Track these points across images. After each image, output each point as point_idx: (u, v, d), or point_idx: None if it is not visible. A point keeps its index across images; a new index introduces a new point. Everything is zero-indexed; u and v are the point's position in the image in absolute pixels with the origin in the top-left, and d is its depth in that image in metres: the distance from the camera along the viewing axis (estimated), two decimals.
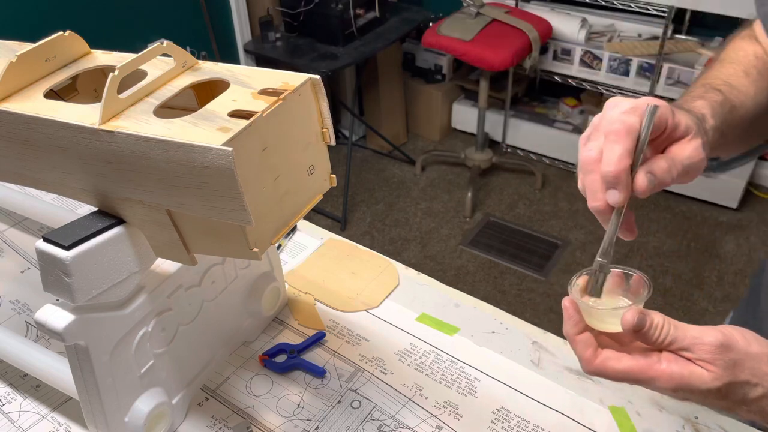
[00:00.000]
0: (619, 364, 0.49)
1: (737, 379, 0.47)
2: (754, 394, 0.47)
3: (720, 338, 0.47)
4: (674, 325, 0.49)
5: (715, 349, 0.47)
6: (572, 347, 0.52)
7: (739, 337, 0.48)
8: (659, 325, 0.48)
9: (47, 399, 0.72)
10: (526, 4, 2.70)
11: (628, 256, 2.33)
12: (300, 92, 0.53)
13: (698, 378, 0.47)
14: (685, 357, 0.48)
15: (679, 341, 0.48)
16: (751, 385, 0.47)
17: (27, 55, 0.58)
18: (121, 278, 0.57)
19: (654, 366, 0.48)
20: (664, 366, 0.48)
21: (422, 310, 0.83)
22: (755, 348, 0.48)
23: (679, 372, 0.47)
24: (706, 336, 0.47)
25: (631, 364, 0.48)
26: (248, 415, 0.70)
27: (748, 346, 0.48)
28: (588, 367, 0.50)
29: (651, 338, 0.48)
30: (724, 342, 0.47)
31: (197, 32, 2.60)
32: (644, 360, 0.48)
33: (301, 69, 0.55)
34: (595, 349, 0.50)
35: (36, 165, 0.59)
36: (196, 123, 0.50)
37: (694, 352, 0.47)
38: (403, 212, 2.59)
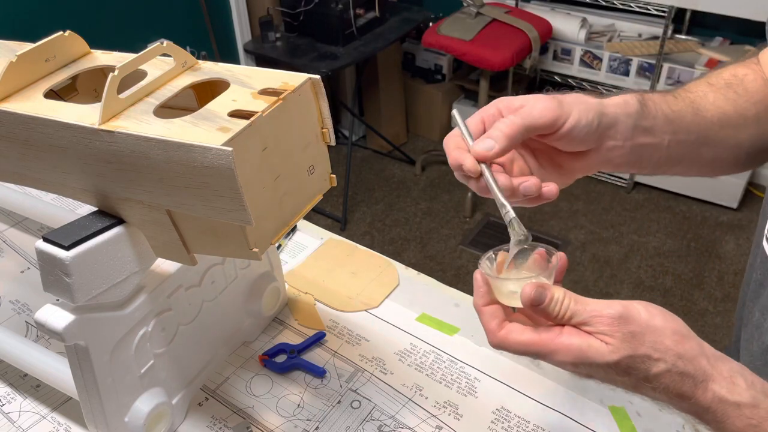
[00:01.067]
0: (521, 336, 0.48)
1: (637, 353, 0.45)
2: (656, 369, 0.45)
3: (619, 310, 0.46)
4: (575, 299, 0.47)
5: (613, 321, 0.45)
6: (480, 319, 0.51)
7: (641, 310, 0.46)
8: (559, 299, 0.47)
9: (47, 399, 0.72)
10: (526, 4, 2.70)
11: (628, 256, 2.33)
12: (300, 92, 0.53)
13: (596, 351, 0.46)
14: (586, 331, 0.46)
15: (579, 315, 0.47)
16: (652, 359, 0.45)
17: (27, 55, 0.58)
18: (121, 278, 0.57)
19: (554, 339, 0.47)
20: (564, 339, 0.46)
21: (422, 310, 0.83)
22: (658, 321, 0.46)
23: (578, 344, 0.46)
24: (606, 309, 0.46)
25: (533, 336, 0.47)
26: (248, 415, 0.70)
27: (651, 319, 0.46)
28: (492, 339, 0.49)
29: (552, 313, 0.47)
30: (623, 314, 0.46)
31: (197, 32, 2.60)
32: (546, 333, 0.47)
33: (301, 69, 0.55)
34: (501, 322, 0.49)
35: (36, 165, 0.59)
36: (196, 123, 0.50)
37: (593, 325, 0.46)
38: (403, 212, 2.59)
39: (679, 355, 0.45)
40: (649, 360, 0.45)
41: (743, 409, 0.46)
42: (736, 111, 0.64)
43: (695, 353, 0.46)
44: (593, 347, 0.46)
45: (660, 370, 0.45)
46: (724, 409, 0.46)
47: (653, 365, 0.45)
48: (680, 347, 0.46)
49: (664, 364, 0.45)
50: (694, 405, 0.46)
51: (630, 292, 2.19)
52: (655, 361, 0.45)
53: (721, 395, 0.46)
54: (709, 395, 0.46)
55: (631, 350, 0.45)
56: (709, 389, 0.46)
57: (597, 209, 2.56)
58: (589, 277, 2.24)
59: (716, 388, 0.46)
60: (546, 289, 0.48)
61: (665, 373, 0.45)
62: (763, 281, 0.61)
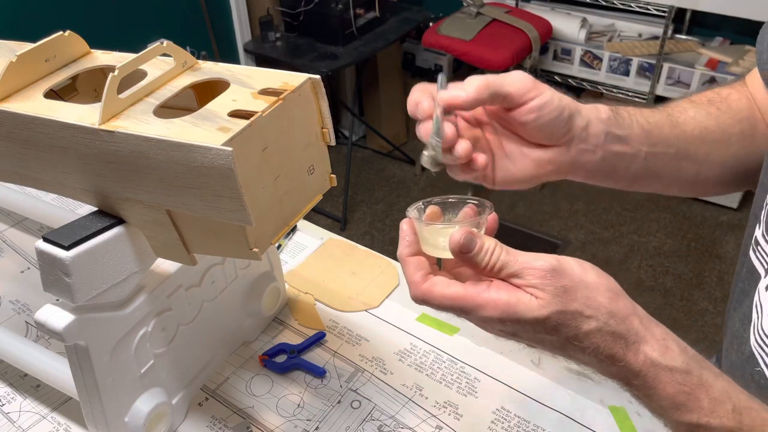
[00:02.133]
0: (446, 289, 0.45)
1: (568, 308, 0.43)
2: (587, 327, 0.43)
3: (552, 263, 0.43)
4: (506, 250, 0.45)
5: (545, 273, 0.43)
6: (403, 270, 0.48)
7: (574, 264, 0.44)
8: (489, 249, 0.45)
9: (47, 399, 0.72)
10: (526, 4, 2.70)
11: (628, 256, 2.33)
12: (300, 92, 0.53)
13: (525, 305, 0.43)
14: (515, 284, 0.44)
15: (509, 266, 0.44)
16: (583, 316, 0.43)
17: (27, 55, 0.58)
18: (121, 278, 0.57)
19: (481, 293, 0.44)
20: (492, 293, 0.44)
21: (422, 310, 0.83)
22: (592, 277, 0.44)
23: (506, 299, 0.43)
24: (537, 261, 0.44)
25: (458, 290, 0.45)
26: (248, 415, 0.70)
27: (584, 274, 0.44)
28: (415, 291, 0.47)
29: (481, 263, 0.45)
30: (556, 267, 0.43)
31: (197, 32, 2.60)
32: (472, 287, 0.44)
33: (301, 69, 0.55)
34: (426, 274, 0.47)
35: (36, 165, 0.59)
36: (196, 123, 0.50)
37: (524, 277, 0.43)
38: (403, 212, 2.58)
39: (611, 313, 0.43)
40: (580, 317, 0.43)
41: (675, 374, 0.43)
42: (719, 127, 0.62)
43: (628, 312, 0.44)
44: (522, 301, 0.43)
45: (591, 328, 0.43)
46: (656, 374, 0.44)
47: (584, 322, 0.43)
48: (613, 305, 0.44)
49: (596, 322, 0.43)
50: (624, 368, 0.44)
51: (630, 292, 2.18)
52: (587, 319, 0.43)
53: (654, 358, 0.44)
54: (640, 358, 0.44)
55: (562, 305, 0.43)
56: (641, 351, 0.44)
57: (597, 209, 2.56)
58: None
59: (648, 350, 0.44)
60: (476, 236, 0.45)
61: (596, 331, 0.43)
62: (747, 291, 0.60)
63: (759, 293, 0.58)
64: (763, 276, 0.58)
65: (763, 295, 0.57)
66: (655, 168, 0.61)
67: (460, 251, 0.45)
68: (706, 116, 0.63)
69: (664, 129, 0.60)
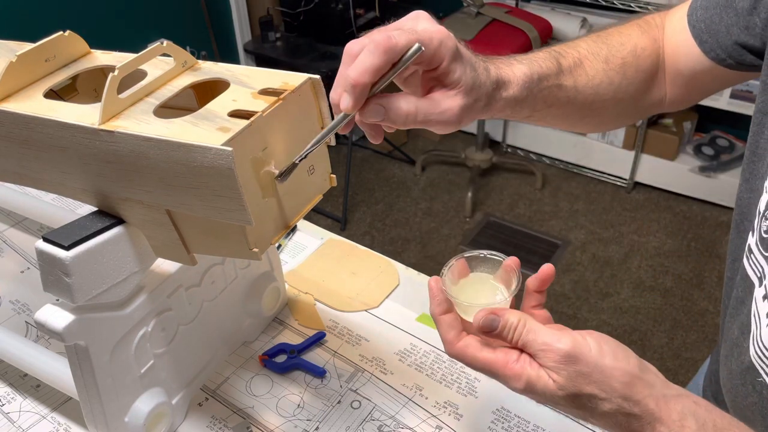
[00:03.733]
0: (478, 353, 0.48)
1: (582, 392, 0.45)
2: (604, 408, 0.46)
3: (569, 347, 0.45)
4: (528, 328, 0.47)
5: (561, 358, 0.45)
6: (437, 328, 0.51)
7: (592, 347, 0.46)
8: (513, 326, 0.47)
9: (47, 399, 0.72)
10: (526, 4, 2.70)
11: (628, 256, 2.33)
12: (300, 92, 0.53)
13: (544, 384, 0.46)
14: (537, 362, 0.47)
15: (530, 346, 0.47)
16: (598, 399, 0.45)
17: (27, 55, 0.58)
18: (121, 278, 0.57)
19: (509, 364, 0.47)
20: (518, 366, 0.47)
21: (422, 310, 0.83)
22: (608, 362, 0.46)
23: (528, 374, 0.46)
24: (556, 343, 0.46)
25: (489, 356, 0.48)
26: (248, 415, 0.70)
27: (601, 358, 0.46)
28: (450, 349, 0.50)
29: (506, 338, 0.48)
30: (570, 352, 0.45)
31: (197, 32, 2.61)
32: (503, 355, 0.47)
33: (301, 69, 0.55)
34: (459, 333, 0.49)
35: (36, 165, 0.59)
36: (196, 123, 0.50)
37: (542, 359, 0.46)
38: (403, 212, 2.59)
39: (625, 397, 0.45)
40: (595, 399, 0.46)
41: None
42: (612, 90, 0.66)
43: (642, 396, 0.46)
44: (542, 379, 0.46)
45: (608, 409, 0.46)
46: None
47: (600, 404, 0.46)
48: (627, 390, 0.46)
49: (610, 404, 0.45)
50: None
51: (630, 292, 2.19)
52: (601, 401, 0.45)
53: None
54: None
55: (577, 390, 0.45)
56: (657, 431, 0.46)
57: (597, 209, 2.56)
58: (589, 277, 2.24)
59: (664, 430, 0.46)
60: (499, 315, 0.48)
61: (612, 412, 0.46)
62: (744, 298, 0.60)
63: (756, 302, 0.58)
64: (757, 285, 0.58)
65: (761, 305, 0.57)
66: (531, 119, 0.63)
67: (482, 331, 0.48)
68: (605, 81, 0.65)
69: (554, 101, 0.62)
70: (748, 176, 0.62)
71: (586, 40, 0.67)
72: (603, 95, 0.65)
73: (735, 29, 0.62)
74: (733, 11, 0.62)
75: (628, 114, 0.72)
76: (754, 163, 0.61)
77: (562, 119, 0.67)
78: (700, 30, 0.65)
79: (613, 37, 0.68)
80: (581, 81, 0.64)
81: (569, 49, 0.64)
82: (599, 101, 0.66)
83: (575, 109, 0.65)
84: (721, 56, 0.64)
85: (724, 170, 2.51)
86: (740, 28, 0.61)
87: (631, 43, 0.67)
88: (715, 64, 0.65)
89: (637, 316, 2.12)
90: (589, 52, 0.65)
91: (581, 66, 0.64)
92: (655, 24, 0.71)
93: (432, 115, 0.51)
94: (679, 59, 0.68)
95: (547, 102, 0.62)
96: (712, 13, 0.64)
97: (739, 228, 0.64)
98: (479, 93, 0.53)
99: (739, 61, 0.64)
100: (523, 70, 0.58)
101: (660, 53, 0.69)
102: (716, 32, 0.64)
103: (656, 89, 0.70)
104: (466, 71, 0.52)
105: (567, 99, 0.63)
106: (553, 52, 0.63)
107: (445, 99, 0.51)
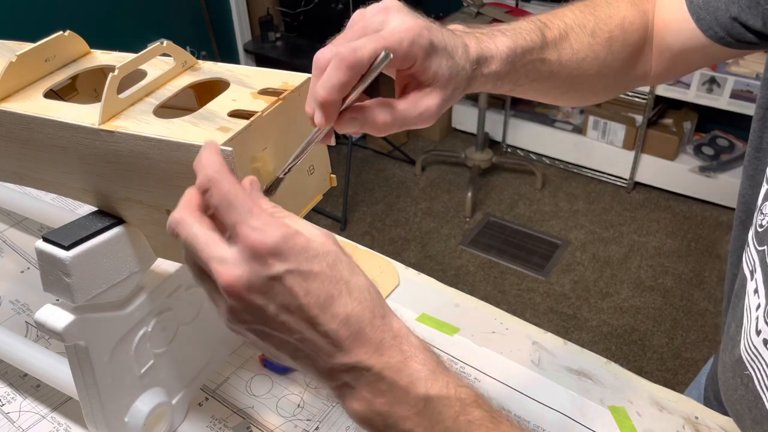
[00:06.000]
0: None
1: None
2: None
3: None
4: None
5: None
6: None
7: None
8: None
9: (47, 399, 0.72)
10: (526, 4, 2.70)
11: (628, 256, 2.33)
12: (300, 92, 0.53)
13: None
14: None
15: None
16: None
17: (27, 55, 0.58)
18: (121, 278, 0.57)
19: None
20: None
21: (422, 310, 0.83)
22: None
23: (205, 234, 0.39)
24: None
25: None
26: (248, 415, 0.70)
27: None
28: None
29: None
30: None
31: (197, 32, 2.61)
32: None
33: (301, 69, 0.55)
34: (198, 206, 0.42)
35: (36, 165, 0.59)
36: (196, 123, 0.50)
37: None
38: (403, 212, 2.59)
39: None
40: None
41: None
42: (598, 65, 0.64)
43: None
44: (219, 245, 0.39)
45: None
46: None
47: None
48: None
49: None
50: None
51: (630, 292, 2.19)
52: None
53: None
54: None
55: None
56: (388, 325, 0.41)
57: (597, 209, 2.56)
58: (589, 277, 2.24)
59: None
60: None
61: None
62: (740, 293, 0.60)
63: (748, 296, 0.58)
64: (749, 279, 0.58)
65: (752, 299, 0.57)
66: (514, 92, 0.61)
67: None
68: (590, 56, 0.62)
69: (537, 75, 0.59)
70: (752, 173, 0.62)
71: (573, 9, 0.64)
72: (587, 70, 0.63)
73: (735, 6, 0.60)
74: None
75: (611, 88, 0.69)
76: (759, 159, 0.60)
77: (544, 93, 0.64)
78: (698, 6, 0.63)
79: (601, 8, 0.64)
80: (566, 55, 0.61)
81: (555, 20, 0.61)
82: (583, 76, 0.63)
83: (558, 83, 0.62)
84: (719, 34, 0.62)
85: (725, 170, 2.51)
86: (741, 6, 0.59)
87: (619, 16, 0.64)
88: (711, 42, 0.63)
89: (637, 316, 2.12)
90: (575, 23, 0.62)
91: (566, 39, 0.61)
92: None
93: (410, 119, 0.49)
94: (670, 34, 0.66)
95: (530, 76, 0.59)
96: None
97: (744, 225, 0.64)
98: (458, 81, 0.50)
99: (737, 38, 0.62)
100: (506, 43, 0.55)
101: (649, 27, 0.67)
102: (715, 9, 0.62)
103: (642, 63, 0.68)
104: (442, 64, 0.48)
105: (550, 73, 0.60)
106: (538, 23, 0.60)
107: (422, 99, 0.49)
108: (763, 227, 0.55)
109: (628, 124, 2.58)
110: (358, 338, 0.39)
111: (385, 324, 0.40)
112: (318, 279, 0.39)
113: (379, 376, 0.39)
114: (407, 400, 0.39)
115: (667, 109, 2.64)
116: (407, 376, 0.39)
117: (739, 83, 2.28)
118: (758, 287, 0.56)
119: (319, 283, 0.39)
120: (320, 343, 0.39)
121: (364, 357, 0.39)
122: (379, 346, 0.39)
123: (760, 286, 0.55)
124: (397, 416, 0.39)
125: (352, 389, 0.39)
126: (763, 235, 0.55)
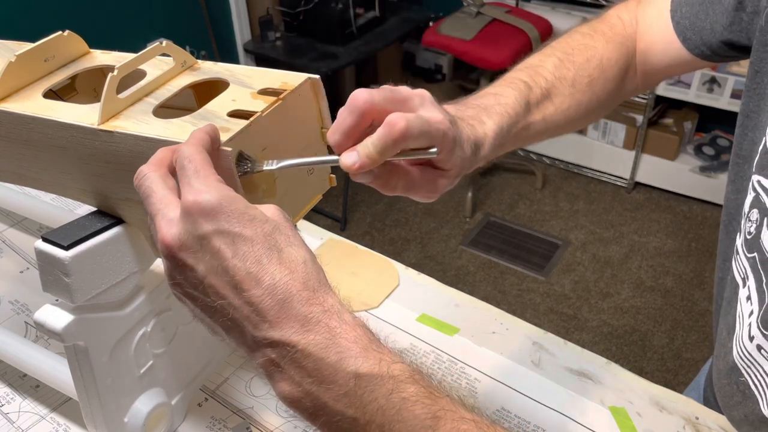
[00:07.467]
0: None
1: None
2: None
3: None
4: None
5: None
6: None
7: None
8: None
9: (46, 399, 0.72)
10: (526, 4, 2.70)
11: (628, 256, 2.33)
12: (299, 92, 0.53)
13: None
14: None
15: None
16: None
17: (26, 55, 0.58)
18: (120, 278, 0.57)
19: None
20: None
21: (422, 310, 0.83)
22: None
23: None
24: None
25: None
26: (248, 415, 0.70)
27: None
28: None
29: None
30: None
31: (197, 32, 2.60)
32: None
33: (301, 69, 0.55)
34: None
35: (35, 165, 0.58)
36: (195, 123, 0.49)
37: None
38: (403, 212, 2.59)
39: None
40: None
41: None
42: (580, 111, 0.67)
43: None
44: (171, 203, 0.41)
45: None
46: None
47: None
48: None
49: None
50: None
51: (630, 292, 2.19)
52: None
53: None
54: None
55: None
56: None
57: (597, 209, 2.56)
58: (590, 277, 2.24)
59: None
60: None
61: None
62: (731, 299, 0.61)
63: (740, 304, 0.58)
64: (741, 287, 0.58)
65: (744, 306, 0.57)
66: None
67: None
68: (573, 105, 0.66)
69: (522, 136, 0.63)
70: (733, 178, 0.63)
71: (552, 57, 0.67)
72: (572, 116, 0.66)
73: (720, 26, 0.62)
74: (719, 7, 0.62)
75: (599, 115, 0.72)
76: (739, 165, 0.61)
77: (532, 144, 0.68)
78: (684, 27, 0.65)
79: (579, 53, 0.67)
80: (549, 112, 0.64)
81: (538, 78, 0.64)
82: (568, 122, 0.67)
83: (546, 135, 0.66)
84: (705, 53, 0.65)
85: (725, 170, 2.50)
86: (725, 25, 0.61)
87: (596, 58, 0.67)
88: (698, 59, 0.66)
89: (638, 317, 2.12)
90: (555, 77, 0.65)
91: (548, 98, 0.64)
92: (622, 24, 0.70)
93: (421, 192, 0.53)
94: (656, 55, 0.69)
95: (516, 143, 0.62)
96: (697, 9, 0.64)
97: (727, 229, 0.65)
98: (465, 168, 0.55)
99: (724, 54, 0.64)
100: (492, 127, 0.57)
101: (630, 53, 0.69)
102: (701, 29, 0.64)
103: (627, 85, 0.71)
104: (457, 154, 0.52)
105: (537, 132, 0.64)
106: (522, 87, 0.62)
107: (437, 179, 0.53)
108: (752, 234, 0.55)
109: (628, 124, 2.58)
110: (284, 310, 0.38)
111: (315, 297, 0.39)
112: (248, 243, 0.38)
113: (305, 353, 0.37)
114: (335, 379, 0.37)
115: (668, 109, 2.64)
116: (336, 354, 0.38)
117: (740, 83, 2.28)
118: (751, 294, 0.56)
119: (249, 247, 0.38)
120: (246, 311, 0.38)
121: (289, 332, 0.37)
122: (306, 322, 0.38)
123: (752, 293, 0.56)
124: (327, 396, 0.38)
125: (279, 369, 0.38)
126: (752, 243, 0.55)
